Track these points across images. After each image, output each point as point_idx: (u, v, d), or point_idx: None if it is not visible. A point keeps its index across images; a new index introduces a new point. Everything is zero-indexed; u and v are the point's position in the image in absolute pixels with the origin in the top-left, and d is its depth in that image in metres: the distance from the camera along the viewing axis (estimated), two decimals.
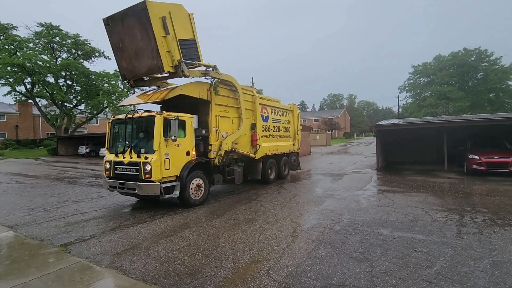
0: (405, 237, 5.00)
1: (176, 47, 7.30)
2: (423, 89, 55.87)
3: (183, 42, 7.50)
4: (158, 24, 6.87)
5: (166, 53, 7.09)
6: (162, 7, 7.01)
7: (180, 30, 7.41)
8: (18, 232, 5.87)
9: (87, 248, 4.85)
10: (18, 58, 26.58)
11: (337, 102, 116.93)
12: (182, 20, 7.56)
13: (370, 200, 7.96)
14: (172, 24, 7.15)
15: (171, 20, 7.13)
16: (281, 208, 7.27)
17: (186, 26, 7.67)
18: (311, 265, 4.01)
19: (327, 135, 45.80)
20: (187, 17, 7.72)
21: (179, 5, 7.52)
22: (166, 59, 7.04)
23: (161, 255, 4.52)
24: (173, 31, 7.18)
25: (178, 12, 7.42)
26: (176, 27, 7.30)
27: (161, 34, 6.93)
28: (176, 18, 7.30)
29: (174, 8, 7.35)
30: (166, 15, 7.01)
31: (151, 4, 6.71)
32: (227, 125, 8.94)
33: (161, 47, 6.94)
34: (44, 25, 29.36)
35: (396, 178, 11.68)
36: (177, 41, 7.30)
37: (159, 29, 6.89)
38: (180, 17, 7.49)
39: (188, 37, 7.70)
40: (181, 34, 7.46)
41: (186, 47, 7.63)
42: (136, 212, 7.27)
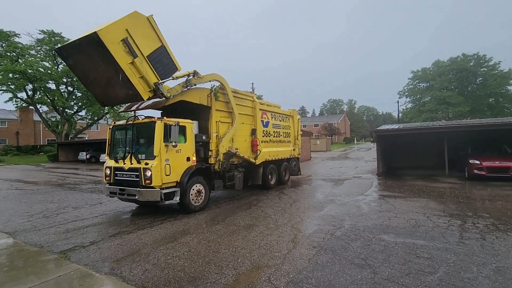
0: (407, 243, 4.96)
1: (148, 67, 6.63)
2: (423, 94, 56.07)
3: (153, 55, 6.77)
4: (120, 50, 6.09)
5: (140, 80, 6.47)
6: (117, 29, 6.08)
7: (145, 43, 6.62)
8: (17, 238, 5.83)
9: (87, 255, 4.82)
10: (20, 65, 26.78)
11: (337, 107, 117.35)
12: (143, 29, 6.66)
13: (371, 206, 7.91)
14: (134, 42, 6.33)
15: (132, 38, 6.29)
16: (281, 214, 7.23)
17: (150, 34, 6.80)
18: (313, 272, 3.97)
19: (327, 140, 45.83)
20: (147, 23, 6.76)
21: (134, 13, 6.51)
22: (141, 86, 6.49)
23: (161, 261, 4.48)
24: (139, 50, 6.42)
25: (136, 23, 6.49)
26: (140, 41, 6.49)
27: (127, 61, 6.20)
28: (136, 31, 6.43)
29: (130, 20, 6.40)
30: (125, 35, 6.16)
31: (105, 32, 5.81)
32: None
33: (132, 76, 6.30)
34: (46, 32, 29.66)
35: (397, 183, 11.64)
36: (146, 60, 6.59)
37: (123, 57, 6.14)
38: (140, 27, 6.59)
39: (155, 46, 6.89)
40: (147, 47, 6.70)
41: (157, 60, 6.92)
42: (136, 218, 7.23)
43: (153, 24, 6.83)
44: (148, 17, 6.74)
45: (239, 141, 9.38)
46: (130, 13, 6.42)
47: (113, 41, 5.95)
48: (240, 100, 9.62)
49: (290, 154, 12.64)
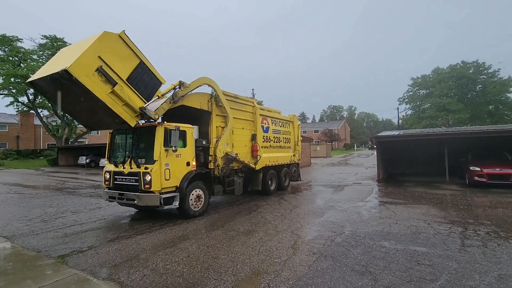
0: (408, 250, 4.92)
1: (130, 91, 6.20)
2: (423, 101, 56.27)
3: (132, 76, 6.28)
4: (97, 82, 5.61)
5: (123, 107, 6.12)
6: (89, 59, 5.50)
7: (122, 65, 6.09)
8: (15, 243, 5.78)
9: (85, 260, 4.77)
10: (22, 70, 26.96)
11: (337, 113, 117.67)
12: (118, 50, 6.05)
13: (371, 212, 7.87)
14: (110, 68, 5.83)
15: (107, 64, 5.76)
16: (281, 220, 7.18)
17: (125, 54, 6.21)
18: (313, 278, 3.92)
19: (328, 146, 45.82)
20: (120, 42, 6.11)
21: (103, 35, 5.83)
22: (126, 114, 6.21)
23: (160, 267, 4.43)
24: (117, 75, 5.94)
25: (108, 45, 5.88)
26: (116, 65, 5.97)
27: (106, 91, 5.78)
28: (110, 55, 5.87)
29: (101, 44, 5.75)
30: (99, 63, 5.64)
31: (76, 67, 5.24)
32: (228, 135, 8.93)
33: (115, 105, 5.94)
34: (49, 37, 29.91)
35: (398, 190, 11.60)
36: (127, 84, 6.13)
37: (102, 88, 5.69)
38: (114, 48, 5.97)
39: (133, 65, 6.34)
40: (126, 69, 6.18)
41: (138, 79, 6.43)
42: (135, 223, 7.18)
43: (127, 41, 6.17)
44: (120, 35, 6.06)
45: (239, 146, 9.38)
46: (100, 36, 5.74)
47: (87, 74, 5.43)
48: (240, 106, 9.65)
49: (290, 159, 12.63)
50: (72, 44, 6.84)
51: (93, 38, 5.75)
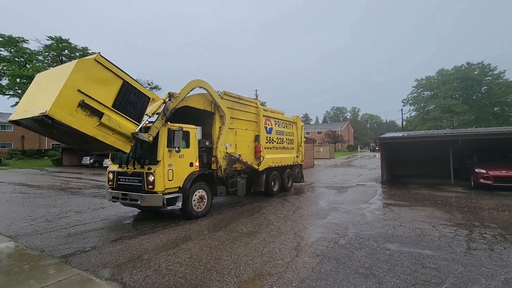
0: (413, 253, 4.86)
1: (118, 117, 5.86)
2: (427, 102, 55.94)
3: (118, 99, 5.89)
4: (81, 118, 5.28)
5: (115, 136, 5.88)
6: (69, 96, 5.05)
7: (105, 92, 5.68)
8: (19, 242, 5.81)
9: (88, 260, 4.78)
10: (28, 70, 27.22)
11: (340, 115, 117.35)
12: (96, 76, 5.57)
13: (375, 214, 7.80)
14: (93, 99, 5.42)
15: (88, 96, 5.35)
16: (284, 221, 7.14)
17: (106, 78, 5.75)
18: (316, 281, 3.89)
19: (331, 147, 45.65)
20: (98, 66, 5.61)
21: (78, 64, 5.30)
22: (119, 142, 6.00)
23: (162, 267, 4.42)
24: (101, 104, 5.56)
25: (86, 74, 5.38)
26: (99, 93, 5.55)
27: (94, 124, 5.48)
28: (90, 85, 5.42)
29: (78, 75, 5.23)
30: (80, 97, 5.23)
31: (56, 110, 4.86)
32: (231, 136, 8.93)
33: (105, 136, 5.71)
34: (54, 39, 30.18)
35: (402, 192, 11.50)
36: (113, 110, 5.76)
37: (88, 122, 5.39)
38: (92, 75, 5.50)
39: (117, 88, 5.91)
40: (110, 95, 5.78)
41: (125, 101, 6.05)
42: (137, 224, 7.19)
43: (104, 63, 5.70)
44: (96, 59, 5.56)
45: (242, 147, 9.37)
46: (74, 67, 5.20)
47: (69, 113, 5.06)
48: (243, 106, 9.63)
49: (293, 161, 12.59)
50: (50, 71, 6.05)
51: (69, 69, 5.21)
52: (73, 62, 5.38)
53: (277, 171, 11.25)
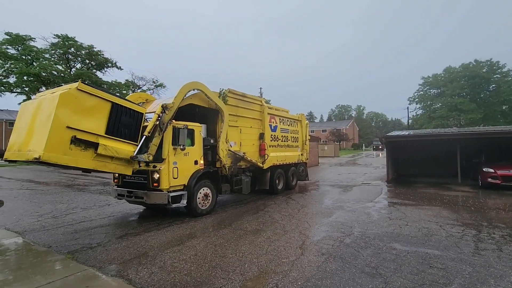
0: (420, 252, 4.80)
1: (115, 143, 5.72)
2: (434, 100, 55.25)
3: (110, 124, 5.68)
4: (77, 153, 5.17)
5: (115, 162, 5.79)
6: (59, 135, 4.88)
7: (95, 121, 5.44)
8: (26, 238, 5.88)
9: (94, 256, 4.81)
10: (34, 68, 27.48)
11: (345, 113, 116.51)
12: (83, 106, 5.27)
13: (381, 213, 7.73)
14: (85, 131, 5.24)
15: (79, 130, 5.14)
16: (289, 219, 7.12)
17: (93, 105, 5.45)
18: (322, 280, 3.86)
19: (335, 146, 45.39)
20: (82, 95, 5.27)
21: (62, 98, 4.96)
22: (120, 167, 5.97)
23: (168, 265, 4.44)
24: (94, 134, 5.38)
25: (71, 108, 5.08)
26: (89, 124, 5.33)
27: (91, 156, 5.40)
28: (78, 116, 5.16)
29: (63, 111, 4.94)
30: (71, 134, 5.03)
31: (50, 152, 4.77)
32: (236, 134, 8.91)
33: (105, 166, 5.65)
34: (60, 37, 30.39)
35: (408, 191, 11.39)
36: (108, 138, 5.64)
37: (84, 156, 5.29)
38: (79, 107, 5.20)
39: (106, 112, 5.62)
40: (100, 122, 5.54)
41: (118, 124, 5.85)
42: (143, 221, 7.23)
43: (88, 90, 5.38)
44: (78, 87, 5.23)
45: (247, 145, 9.35)
46: (58, 102, 4.89)
47: (64, 152, 4.97)
48: (248, 104, 9.59)
49: (298, 159, 12.54)
50: (35, 102, 5.57)
51: (53, 104, 4.93)
52: (56, 95, 5.02)
53: (281, 169, 11.22)
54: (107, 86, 32.78)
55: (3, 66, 27.59)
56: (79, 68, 32.81)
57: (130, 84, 36.38)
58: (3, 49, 27.44)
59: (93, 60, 32.74)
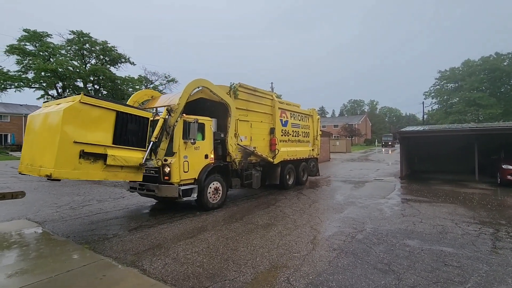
0: (434, 250, 4.71)
1: (123, 152, 5.65)
2: (451, 95, 53.51)
3: (116, 134, 5.62)
4: (86, 166, 5.17)
5: (125, 171, 5.81)
6: (67, 151, 4.89)
7: (101, 131, 5.39)
8: (46, 228, 6.12)
9: (110, 247, 4.96)
10: (51, 64, 28.18)
11: (357, 108, 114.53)
12: (88, 119, 5.21)
13: (394, 209, 7.62)
14: (92, 144, 5.20)
15: (86, 144, 5.10)
16: (300, 214, 7.11)
17: (97, 116, 5.35)
18: (333, 275, 3.85)
19: (347, 141, 44.80)
20: (86, 107, 5.17)
21: (65, 114, 4.90)
22: (131, 174, 5.99)
23: (181, 256, 4.53)
24: (102, 146, 5.33)
25: (76, 122, 5.03)
26: (96, 136, 5.28)
27: (101, 168, 5.38)
28: (84, 130, 5.12)
29: (69, 127, 4.91)
30: (79, 148, 5.01)
31: (60, 169, 4.84)
32: (246, 129, 8.89)
33: (116, 175, 5.69)
34: (76, 33, 31.01)
35: (422, 187, 11.15)
36: (116, 147, 5.55)
37: (94, 169, 5.31)
38: (84, 120, 5.14)
39: (111, 122, 5.54)
40: (106, 132, 5.48)
41: (125, 132, 5.75)
42: (156, 213, 7.38)
43: (91, 102, 5.27)
44: (81, 100, 5.12)
45: (257, 140, 9.33)
46: (62, 118, 4.86)
47: (74, 167, 5.00)
48: (259, 99, 9.55)
49: (308, 154, 12.45)
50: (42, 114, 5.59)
51: (58, 119, 4.94)
52: (61, 109, 5.00)
53: (292, 164, 11.18)
54: (120, 81, 33.33)
55: (21, 62, 28.41)
56: (94, 64, 33.45)
57: (142, 79, 36.88)
58: (21, 45, 28.23)
59: (107, 56, 33.29)
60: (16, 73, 28.13)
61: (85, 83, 32.89)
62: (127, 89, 34.09)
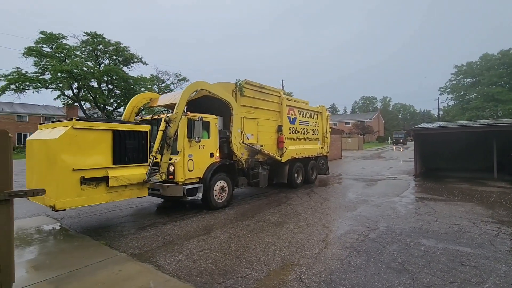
0: (450, 249, 4.61)
1: (125, 171, 5.56)
2: (468, 90, 51.84)
3: (116, 154, 5.49)
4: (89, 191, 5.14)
5: (129, 189, 5.74)
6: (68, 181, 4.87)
7: (99, 153, 5.27)
8: (64, 224, 6.33)
9: (125, 243, 5.09)
10: (67, 65, 28.96)
11: (370, 105, 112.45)
12: (84, 143, 5.10)
13: (408, 208, 7.47)
14: (92, 169, 5.14)
15: (86, 170, 5.05)
16: (312, 212, 7.08)
17: (94, 138, 5.23)
18: (346, 273, 3.83)
19: (359, 139, 44.15)
20: (81, 132, 5.06)
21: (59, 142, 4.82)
22: (136, 191, 5.91)
23: (194, 253, 4.59)
24: (102, 169, 5.28)
25: (73, 149, 4.94)
26: (95, 159, 5.19)
27: (104, 191, 5.35)
28: (82, 156, 5.03)
29: (66, 155, 4.82)
30: (78, 175, 4.95)
31: (63, 200, 4.84)
32: (253, 126, 8.71)
33: (121, 195, 5.62)
34: (90, 34, 31.74)
35: (437, 186, 10.89)
36: (117, 168, 5.48)
37: (98, 192, 5.26)
38: (80, 145, 5.04)
39: (108, 141, 5.41)
40: (105, 154, 5.36)
41: (123, 151, 5.59)
42: (169, 211, 7.50)
43: (84, 125, 5.15)
44: (74, 125, 4.98)
45: (264, 138, 9.14)
46: (57, 144, 4.80)
47: (77, 195, 4.98)
48: (265, 96, 9.31)
49: (318, 152, 12.24)
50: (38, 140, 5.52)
51: (53, 151, 4.88)
52: (55, 136, 4.93)
53: (300, 162, 10.97)
54: (133, 80, 33.93)
55: (39, 64, 29.32)
56: (107, 64, 34.17)
57: (154, 79, 37.41)
58: (39, 47, 29.11)
59: (120, 56, 33.93)
60: (34, 75, 29.03)
61: (99, 83, 33.66)
62: (140, 88, 34.63)
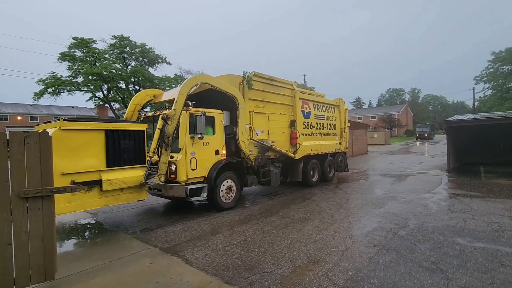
0: (489, 249, 4.33)
1: (120, 174, 5.24)
2: (507, 78, 47.97)
3: (110, 156, 5.20)
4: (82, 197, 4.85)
5: (126, 193, 5.49)
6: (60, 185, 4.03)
7: (91, 156, 4.98)
8: (98, 218, 6.72)
9: (155, 237, 5.30)
10: (97, 68, 30.48)
11: (397, 97, 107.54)
12: (75, 145, 4.81)
13: (441, 205, 7.11)
14: (84, 172, 4.87)
15: (78, 173, 4.77)
16: (337, 209, 6.95)
17: (86, 140, 4.94)
18: (374, 271, 3.72)
19: (386, 133, 42.51)
20: (71, 134, 4.78)
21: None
22: (133, 194, 5.63)
23: (220, 248, 4.69)
24: (95, 172, 4.99)
25: (62, 151, 4.60)
26: (87, 162, 4.91)
27: (99, 195, 5.10)
28: (73, 159, 4.75)
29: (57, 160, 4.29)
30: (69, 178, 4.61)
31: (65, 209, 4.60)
32: (263, 121, 8.22)
33: (117, 199, 5.41)
34: (117, 37, 33.15)
35: (473, 181, 10.24)
36: (111, 170, 5.18)
37: (92, 197, 5.00)
38: (71, 147, 4.75)
39: (101, 143, 5.12)
40: (98, 156, 5.07)
41: (118, 152, 5.30)
42: (195, 207, 7.69)
43: (73, 126, 4.84)
44: (61, 126, 4.72)
45: (276, 134, 8.61)
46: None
47: (67, 200, 4.70)
48: (276, 89, 8.77)
49: (335, 148, 11.59)
50: None
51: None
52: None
53: (316, 159, 10.33)
54: (158, 80, 35.03)
55: (72, 68, 31.13)
56: (134, 66, 35.52)
57: (178, 78, 38.36)
58: (71, 52, 30.89)
59: (146, 57, 35.14)
60: (68, 78, 30.88)
61: (127, 84, 35.11)
62: (165, 88, 35.69)
